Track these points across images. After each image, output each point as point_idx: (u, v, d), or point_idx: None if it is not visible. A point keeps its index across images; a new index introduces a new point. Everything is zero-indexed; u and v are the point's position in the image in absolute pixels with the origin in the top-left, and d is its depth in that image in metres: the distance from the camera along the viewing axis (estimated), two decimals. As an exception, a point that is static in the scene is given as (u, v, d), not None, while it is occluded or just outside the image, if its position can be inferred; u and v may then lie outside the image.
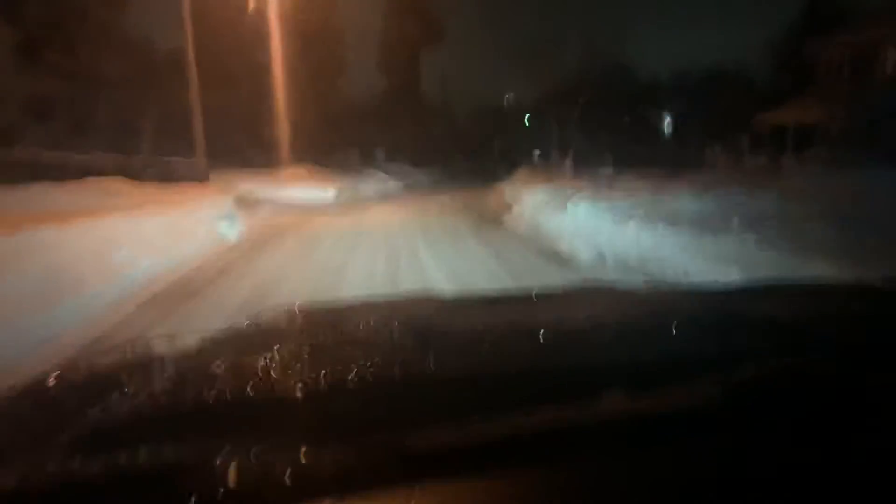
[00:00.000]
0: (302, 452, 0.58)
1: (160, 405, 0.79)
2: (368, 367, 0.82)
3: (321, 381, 0.78)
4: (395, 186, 25.94)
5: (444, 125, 44.09)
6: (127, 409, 0.77)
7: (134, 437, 0.65)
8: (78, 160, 15.04)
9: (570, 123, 25.79)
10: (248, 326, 1.19)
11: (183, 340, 1.10)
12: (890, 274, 1.45)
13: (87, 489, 0.57)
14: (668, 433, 0.62)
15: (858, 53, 20.03)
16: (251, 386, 0.77)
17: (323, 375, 0.79)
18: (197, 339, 1.09)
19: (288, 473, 0.55)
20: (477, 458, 0.58)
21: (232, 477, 0.55)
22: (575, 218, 8.49)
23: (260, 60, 23.59)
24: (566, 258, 7.10)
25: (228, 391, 0.77)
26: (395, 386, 0.81)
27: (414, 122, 39.11)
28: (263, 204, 16.06)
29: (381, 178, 26.45)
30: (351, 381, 0.78)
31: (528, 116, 47.27)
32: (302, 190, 19.74)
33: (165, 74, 19.71)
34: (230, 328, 1.17)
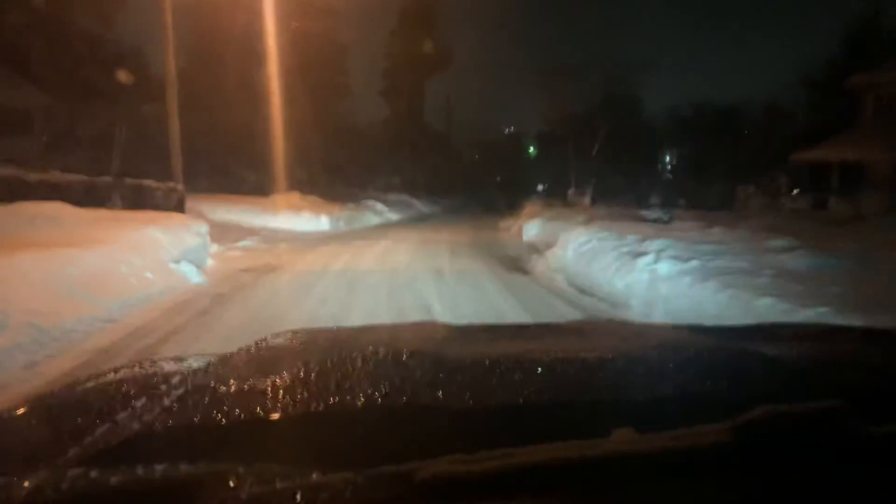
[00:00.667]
0: (311, 477, 0.58)
1: (168, 425, 0.79)
2: (376, 394, 0.85)
3: (329, 406, 0.82)
4: (395, 218, 24.08)
5: (447, 155, 42.57)
6: (136, 428, 0.78)
7: (142, 455, 0.66)
8: (33, 179, 12.99)
9: (584, 156, 23.91)
10: (256, 349, 1.19)
11: (191, 362, 1.11)
12: None
13: None
14: (675, 471, 0.61)
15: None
16: (259, 408, 0.81)
17: (331, 402, 0.84)
18: (205, 360, 1.10)
19: (297, 498, 0.55)
20: (484, 489, 0.57)
21: (240, 499, 0.55)
22: (652, 277, 6.13)
23: (260, 82, 22.04)
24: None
25: (236, 413, 0.80)
26: (403, 414, 0.83)
27: (416, 151, 37.69)
28: (247, 235, 14.05)
29: (380, 209, 24.54)
30: (359, 407, 0.81)
31: (532, 147, 45.76)
32: (294, 219, 18.03)
33: (155, 92, 18.05)
34: (239, 351, 1.17)
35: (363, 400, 0.81)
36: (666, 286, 5.79)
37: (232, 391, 0.88)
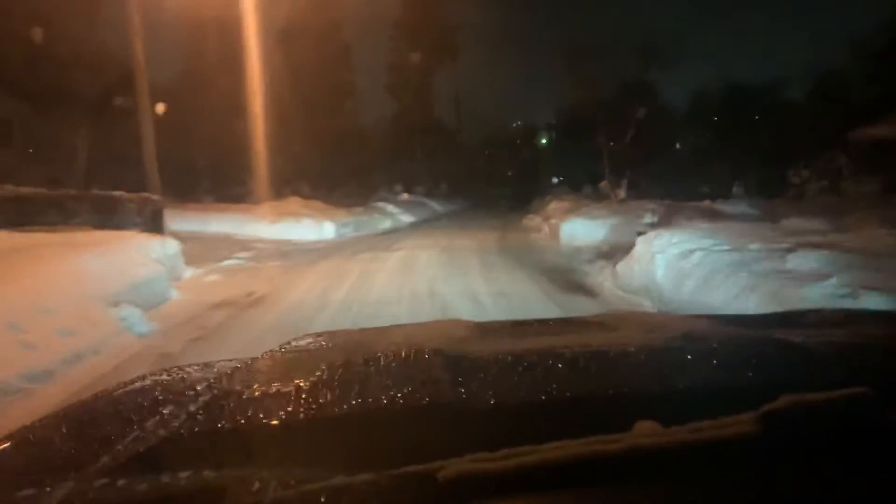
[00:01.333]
0: (334, 479, 0.58)
1: (196, 431, 0.79)
2: (400, 394, 0.85)
3: (352, 408, 0.81)
4: (408, 220, 21.89)
5: (457, 150, 40.42)
6: (164, 434, 0.77)
7: (171, 461, 0.66)
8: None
9: (612, 146, 21.56)
10: (281, 353, 1.20)
11: (217, 367, 1.12)
12: None
13: None
14: (699, 463, 0.60)
15: None
16: (283, 411, 0.80)
17: (354, 403, 0.83)
18: (231, 366, 1.10)
19: (322, 501, 0.55)
20: (508, 486, 0.56)
21: (267, 502, 0.55)
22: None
23: (256, 83, 19.92)
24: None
25: (263, 417, 0.80)
26: (426, 413, 0.82)
27: (425, 147, 35.57)
28: (238, 249, 11.93)
29: (391, 211, 22.35)
30: (382, 408, 0.81)
31: (545, 139, 43.22)
32: (294, 227, 15.89)
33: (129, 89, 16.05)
34: (264, 355, 1.17)
35: (386, 401, 0.82)
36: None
37: (256, 395, 0.88)
